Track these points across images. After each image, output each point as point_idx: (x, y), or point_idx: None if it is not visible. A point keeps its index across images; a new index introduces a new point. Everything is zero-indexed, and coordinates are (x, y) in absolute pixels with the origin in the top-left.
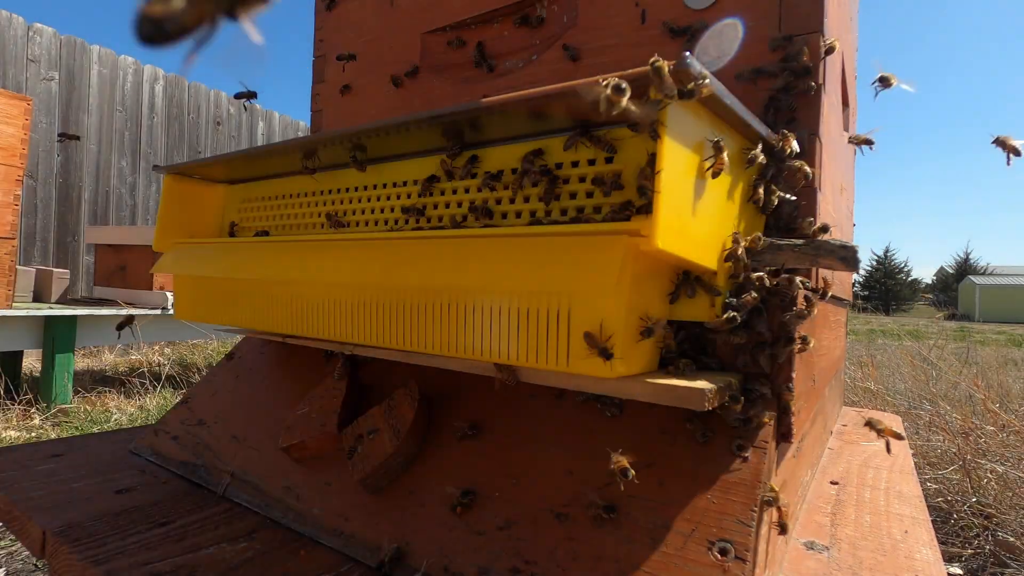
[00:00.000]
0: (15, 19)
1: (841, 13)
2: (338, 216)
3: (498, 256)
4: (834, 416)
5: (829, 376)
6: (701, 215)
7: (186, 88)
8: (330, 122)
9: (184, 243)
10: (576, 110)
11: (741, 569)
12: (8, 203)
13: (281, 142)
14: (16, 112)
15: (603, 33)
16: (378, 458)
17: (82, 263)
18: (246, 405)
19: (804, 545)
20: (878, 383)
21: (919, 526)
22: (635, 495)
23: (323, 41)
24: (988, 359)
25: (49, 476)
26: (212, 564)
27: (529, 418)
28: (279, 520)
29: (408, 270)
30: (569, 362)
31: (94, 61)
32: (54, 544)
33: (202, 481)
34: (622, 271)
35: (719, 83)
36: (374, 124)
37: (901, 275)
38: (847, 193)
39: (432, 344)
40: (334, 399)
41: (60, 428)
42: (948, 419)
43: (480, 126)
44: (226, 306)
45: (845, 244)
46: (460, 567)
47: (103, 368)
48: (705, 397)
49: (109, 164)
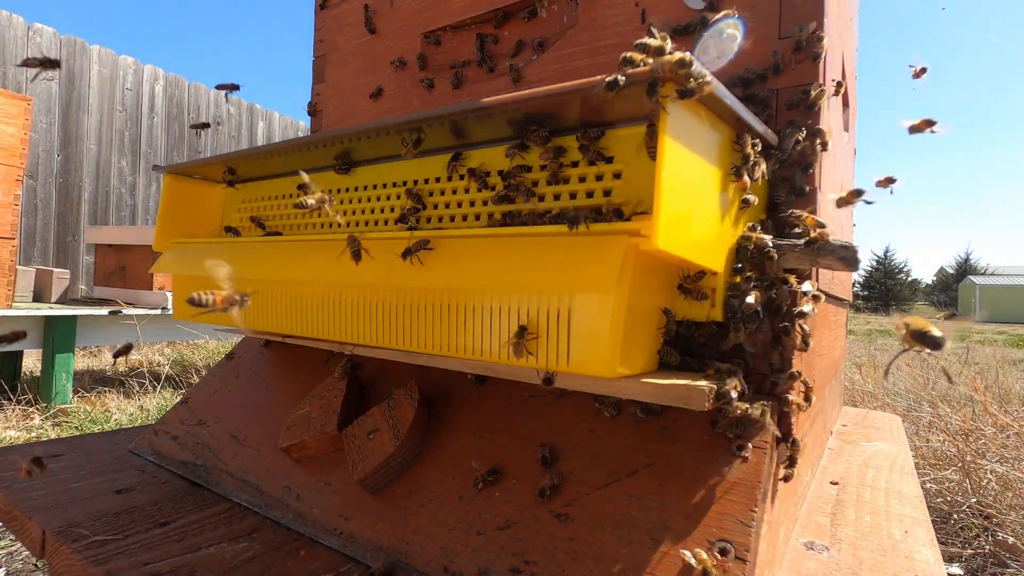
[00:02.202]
0: (15, 19)
1: (841, 13)
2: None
3: (498, 256)
4: (834, 416)
5: (829, 376)
6: (701, 215)
7: (186, 88)
8: (330, 122)
9: (183, 243)
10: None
11: (741, 569)
12: (8, 203)
13: (281, 142)
14: (16, 112)
15: (603, 33)
16: (378, 458)
17: (82, 263)
18: (246, 405)
19: (804, 545)
20: (877, 385)
21: (919, 526)
22: (635, 495)
23: (323, 41)
24: (988, 359)
25: (49, 476)
26: (212, 564)
27: (529, 418)
28: (279, 520)
29: (408, 270)
30: (569, 362)
31: (94, 61)
32: (54, 544)
33: (202, 481)
34: (622, 271)
35: (719, 83)
36: (374, 124)
37: (901, 275)
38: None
39: (432, 344)
40: (334, 399)
41: (60, 428)
42: (947, 420)
43: (474, 127)
44: None
45: (845, 244)
46: (460, 567)
47: (103, 368)
48: (705, 397)
49: (109, 164)
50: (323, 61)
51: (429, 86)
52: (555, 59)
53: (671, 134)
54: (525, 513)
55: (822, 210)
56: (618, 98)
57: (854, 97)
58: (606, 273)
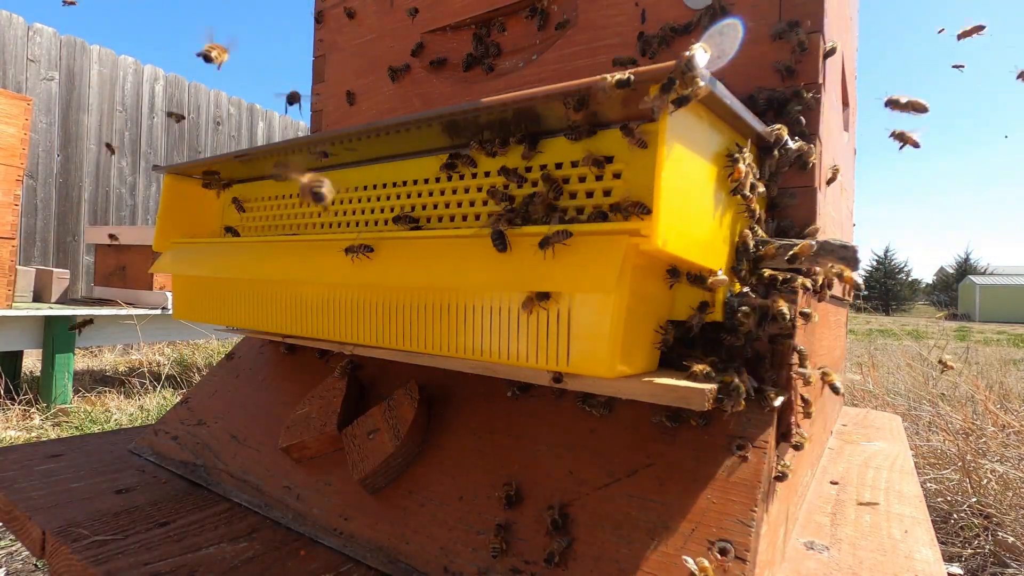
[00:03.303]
0: (15, 19)
1: (841, 13)
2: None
3: (498, 256)
4: (834, 416)
5: None
6: (701, 215)
7: (186, 88)
8: (330, 122)
9: (183, 243)
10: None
11: (741, 569)
12: (8, 203)
13: (280, 142)
14: (16, 112)
15: (603, 32)
16: (378, 458)
17: (82, 263)
18: (246, 405)
19: (804, 545)
20: (878, 385)
21: (919, 526)
22: (635, 495)
23: (323, 41)
24: (989, 359)
25: (49, 476)
26: (212, 564)
27: (529, 418)
28: (279, 520)
29: (408, 270)
30: (569, 362)
31: (94, 61)
32: (54, 544)
33: (202, 481)
34: (622, 271)
35: (719, 83)
36: (373, 124)
37: (901, 275)
38: (847, 193)
39: (432, 344)
40: (334, 399)
41: (60, 428)
42: (948, 420)
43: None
44: (226, 306)
45: (845, 244)
46: (460, 567)
47: (103, 368)
48: (706, 397)
49: (109, 164)
50: (323, 61)
51: (429, 83)
52: (555, 59)
53: (671, 134)
54: (525, 513)
55: (821, 209)
56: (620, 97)
57: (854, 97)
58: (606, 273)
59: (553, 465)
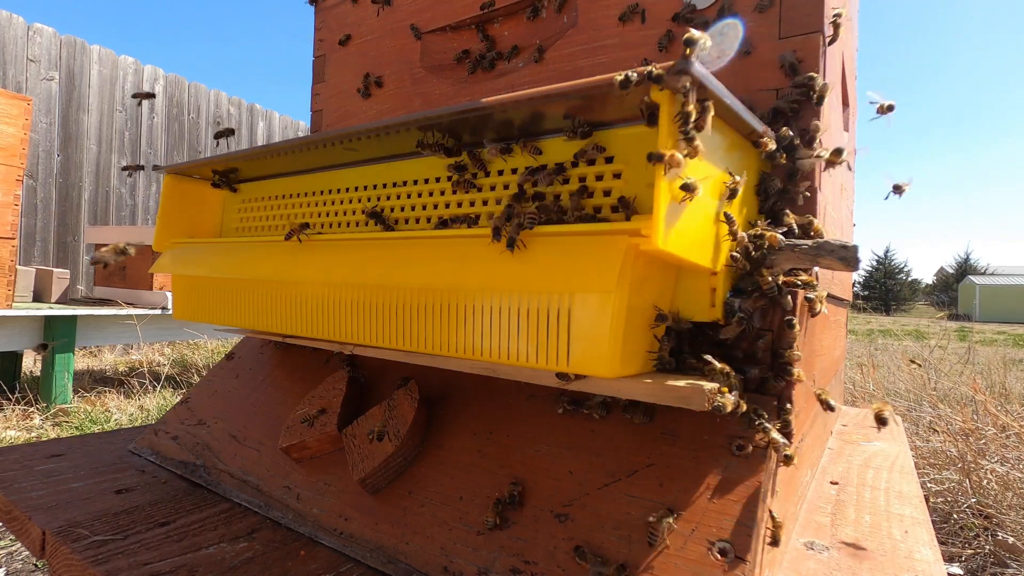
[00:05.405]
0: (15, 19)
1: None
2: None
3: (498, 256)
4: (834, 416)
5: (829, 376)
6: (702, 215)
7: (186, 88)
8: (330, 122)
9: (183, 243)
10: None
11: (741, 569)
12: (8, 203)
13: (280, 142)
14: (16, 112)
15: (603, 32)
16: (378, 458)
17: (82, 263)
18: (246, 405)
19: (804, 545)
20: (878, 385)
21: (919, 526)
22: (635, 495)
23: (322, 41)
24: (989, 359)
25: (49, 476)
26: (212, 564)
27: (529, 418)
28: (279, 520)
29: (408, 270)
30: (569, 362)
31: (94, 61)
32: (54, 544)
33: (202, 481)
34: (623, 271)
35: (719, 84)
36: (373, 124)
37: (901, 275)
38: (847, 193)
39: (432, 344)
40: (334, 399)
41: (60, 428)
42: (948, 420)
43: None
44: (225, 306)
45: (845, 244)
46: (460, 567)
47: (103, 368)
48: (706, 396)
49: (109, 164)
50: (323, 61)
51: (430, 83)
52: (555, 59)
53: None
54: (525, 513)
55: (822, 211)
56: (620, 96)
57: (854, 97)
58: (606, 273)
59: (553, 465)
